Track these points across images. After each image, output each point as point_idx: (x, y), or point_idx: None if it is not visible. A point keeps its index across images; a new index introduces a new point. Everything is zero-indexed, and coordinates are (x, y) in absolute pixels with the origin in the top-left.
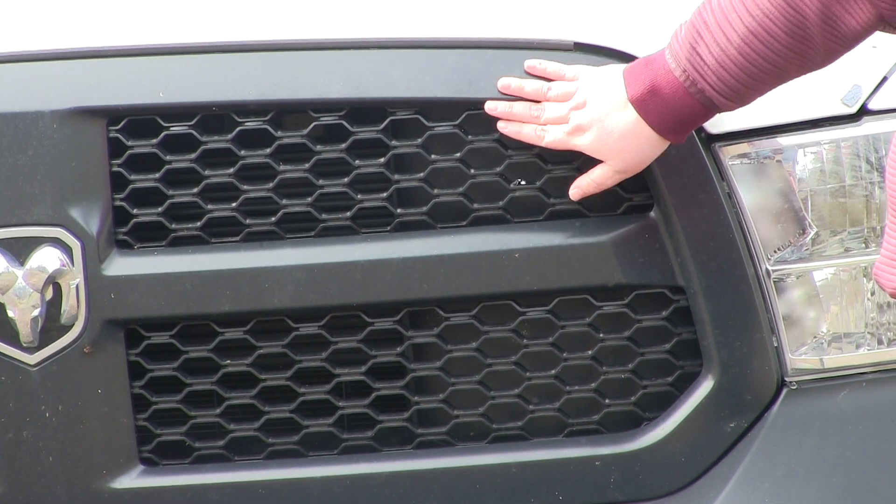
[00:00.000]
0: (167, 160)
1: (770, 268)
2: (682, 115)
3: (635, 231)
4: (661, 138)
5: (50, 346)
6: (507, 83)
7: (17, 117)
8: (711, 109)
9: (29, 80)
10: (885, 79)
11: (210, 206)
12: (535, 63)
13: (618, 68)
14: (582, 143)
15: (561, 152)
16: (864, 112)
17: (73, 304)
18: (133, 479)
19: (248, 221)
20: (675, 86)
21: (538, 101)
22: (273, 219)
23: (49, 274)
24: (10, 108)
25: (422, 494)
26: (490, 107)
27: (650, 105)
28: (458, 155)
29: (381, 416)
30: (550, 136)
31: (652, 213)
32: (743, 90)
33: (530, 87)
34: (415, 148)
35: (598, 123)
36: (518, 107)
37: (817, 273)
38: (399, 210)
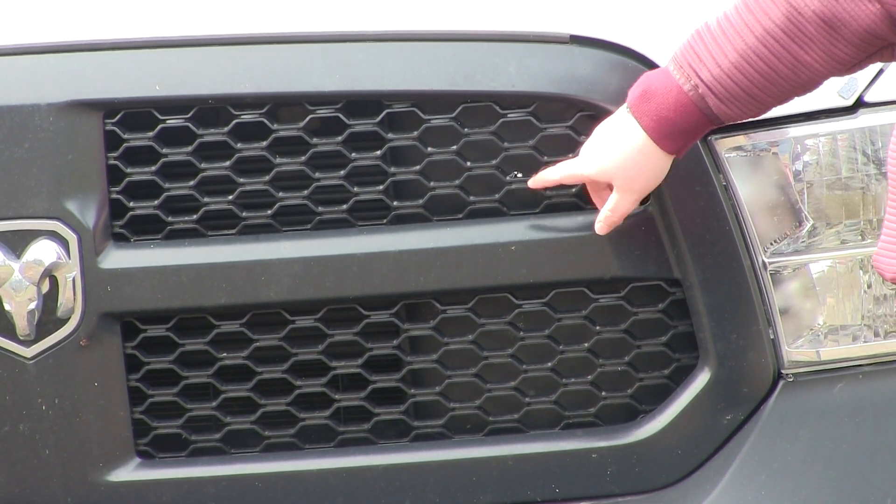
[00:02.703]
0: (163, 153)
1: (766, 260)
2: (693, 130)
3: (632, 224)
4: (669, 157)
5: (46, 339)
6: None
7: (13, 110)
8: (716, 121)
9: (25, 72)
10: (881, 71)
11: (206, 199)
12: (538, 183)
13: (622, 113)
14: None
15: (556, 147)
16: (860, 104)
17: (70, 297)
18: (129, 472)
19: (244, 214)
20: (686, 103)
21: None
22: (269, 212)
23: (45, 267)
24: (7, 101)
25: (418, 487)
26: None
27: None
28: (454, 148)
29: (378, 408)
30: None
31: (648, 206)
32: (746, 98)
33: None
34: (411, 141)
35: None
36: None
37: (814, 265)
38: (395, 203)
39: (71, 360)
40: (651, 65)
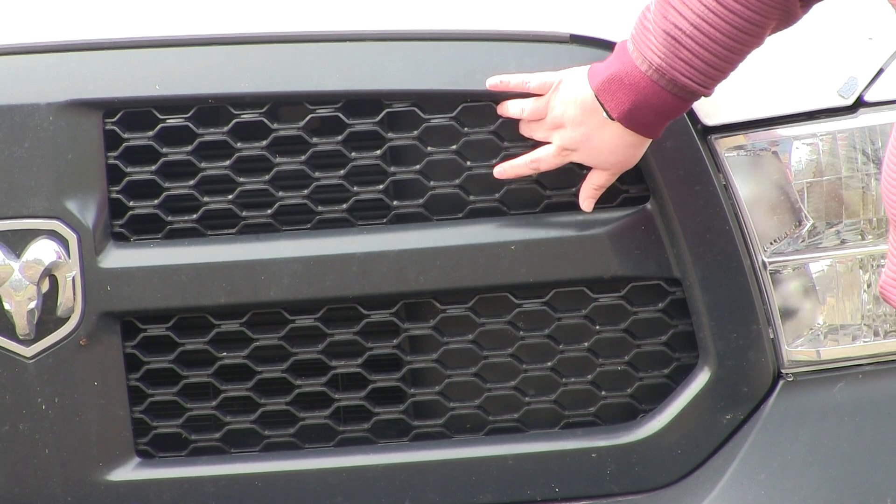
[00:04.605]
0: (163, 152)
1: (766, 259)
2: (669, 114)
3: (631, 223)
4: (647, 139)
5: (46, 339)
6: (499, 109)
7: (13, 110)
8: (693, 100)
9: (25, 72)
10: (881, 70)
11: (206, 199)
12: (495, 81)
13: (580, 80)
14: (575, 159)
15: None
16: (860, 104)
17: (70, 297)
18: (129, 472)
19: (244, 214)
20: (659, 92)
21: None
22: (269, 211)
23: (45, 266)
24: (7, 101)
25: (418, 486)
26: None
27: (638, 118)
28: (454, 147)
29: (378, 408)
30: (545, 163)
31: (648, 205)
32: (715, 73)
33: (513, 108)
34: (411, 140)
35: (583, 144)
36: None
37: (813, 265)
38: (395, 202)
39: (71, 359)
40: None
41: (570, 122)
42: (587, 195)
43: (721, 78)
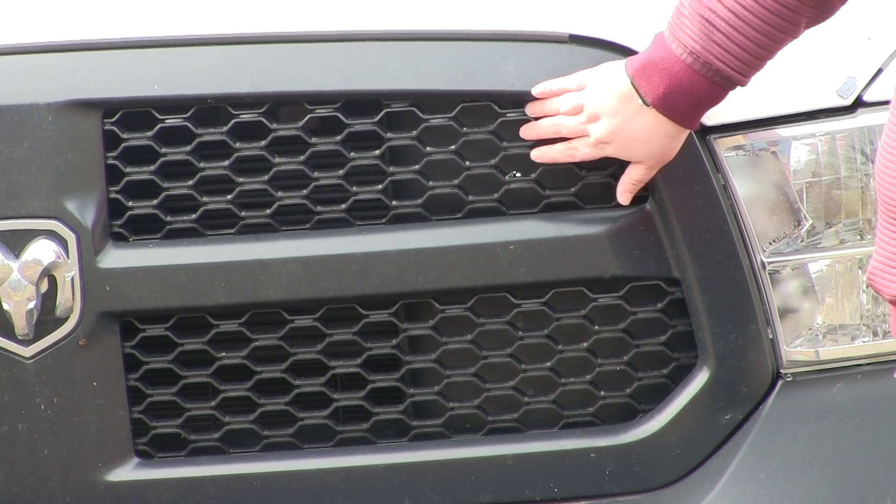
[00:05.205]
0: (162, 152)
1: (765, 259)
2: (705, 101)
3: (630, 223)
4: (683, 128)
5: (45, 339)
6: (532, 110)
7: (12, 110)
8: (729, 87)
9: (24, 72)
10: (880, 70)
11: (205, 199)
12: (541, 88)
13: (619, 71)
14: (610, 153)
15: None
16: (859, 104)
17: (69, 297)
18: (128, 472)
19: (243, 214)
20: (693, 76)
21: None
22: (268, 211)
23: (44, 266)
24: (5, 101)
25: (417, 486)
26: (523, 133)
27: (673, 103)
28: (453, 147)
29: (377, 408)
30: (580, 153)
31: (647, 205)
32: (750, 59)
33: (548, 106)
34: (410, 140)
35: (618, 135)
36: (542, 126)
37: (812, 265)
38: (394, 202)
39: (70, 359)
40: None
41: (605, 113)
42: (624, 188)
43: (757, 66)
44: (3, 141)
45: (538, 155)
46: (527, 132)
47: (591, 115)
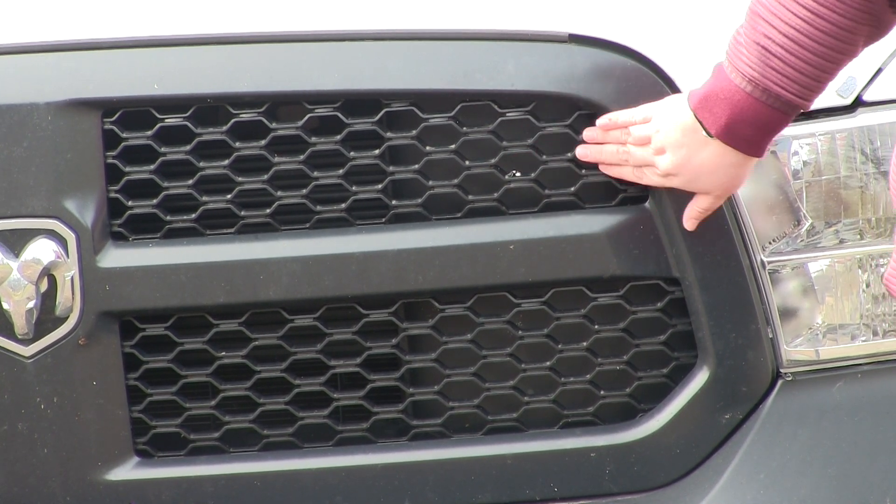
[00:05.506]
0: (162, 152)
1: (765, 259)
2: (769, 128)
3: (630, 222)
4: (749, 157)
5: (45, 338)
6: (593, 134)
7: (11, 109)
8: (791, 113)
9: (24, 72)
10: (879, 70)
11: (205, 198)
12: (605, 120)
13: (682, 104)
14: (677, 184)
15: (555, 146)
16: (859, 103)
17: (68, 296)
18: (128, 471)
19: (242, 213)
20: (754, 104)
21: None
22: (268, 211)
23: (44, 266)
24: (5, 100)
25: (417, 486)
26: (581, 153)
27: (736, 133)
28: (452, 147)
29: (376, 407)
30: (647, 180)
31: (647, 205)
32: (810, 82)
33: (612, 136)
34: (409, 140)
35: (684, 167)
36: (607, 152)
37: (812, 264)
38: (394, 202)
39: (69, 359)
40: (650, 64)
41: (671, 146)
42: (691, 215)
43: (817, 88)
44: (2, 140)
45: (588, 154)
46: (590, 155)
47: (658, 148)
